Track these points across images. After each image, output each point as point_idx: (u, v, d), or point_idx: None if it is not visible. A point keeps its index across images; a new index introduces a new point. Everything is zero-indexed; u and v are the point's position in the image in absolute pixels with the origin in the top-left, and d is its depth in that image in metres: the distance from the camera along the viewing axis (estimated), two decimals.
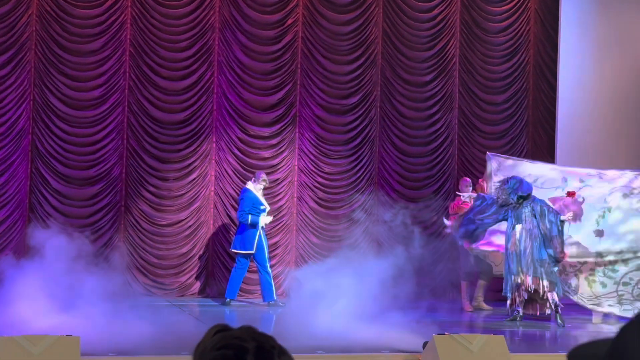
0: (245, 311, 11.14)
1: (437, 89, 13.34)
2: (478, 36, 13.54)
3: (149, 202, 12.08)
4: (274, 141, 12.62)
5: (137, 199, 12.03)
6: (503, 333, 8.15)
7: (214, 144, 12.42)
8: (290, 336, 7.69)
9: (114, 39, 12.01)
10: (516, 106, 13.65)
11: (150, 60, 12.14)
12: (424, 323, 9.03)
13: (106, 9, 11.96)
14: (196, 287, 12.24)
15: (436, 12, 13.35)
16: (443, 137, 13.35)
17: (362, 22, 13.02)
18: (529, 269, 10.11)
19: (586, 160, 12.29)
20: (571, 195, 10.64)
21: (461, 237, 10.76)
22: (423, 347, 7.01)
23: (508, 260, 10.29)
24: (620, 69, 13.37)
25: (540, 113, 13.72)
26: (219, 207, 12.38)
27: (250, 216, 11.23)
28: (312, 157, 12.78)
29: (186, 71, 12.29)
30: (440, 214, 12.44)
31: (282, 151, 12.68)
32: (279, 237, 12.52)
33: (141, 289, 11.81)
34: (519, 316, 10.24)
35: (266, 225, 11.52)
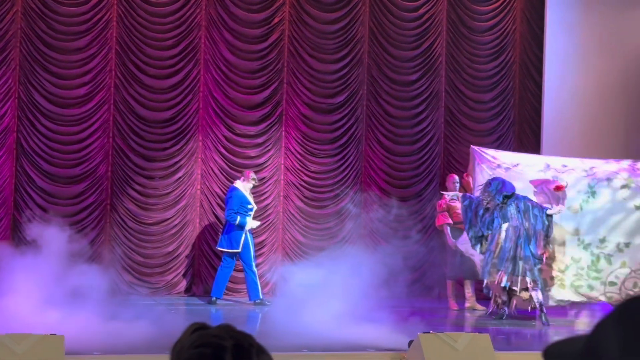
0: (231, 310, 11.12)
1: (424, 88, 13.35)
2: (464, 35, 13.55)
3: (135, 201, 12.04)
4: (260, 140, 12.60)
5: (123, 198, 11.99)
6: (488, 331, 8.18)
7: (200, 143, 12.39)
8: (276, 334, 7.73)
9: (100, 37, 11.96)
10: (502, 105, 13.69)
11: (136, 58, 12.09)
12: (410, 321, 9.05)
13: (92, 7, 11.91)
14: (182, 286, 12.21)
15: (422, 11, 13.36)
16: (429, 136, 13.36)
17: (349, 21, 13.02)
18: (508, 268, 10.14)
19: (572, 157, 12.31)
20: (559, 189, 10.60)
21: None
22: (408, 346, 7.01)
23: (486, 259, 10.33)
24: (605, 68, 13.42)
25: (526, 111, 13.76)
26: (205, 206, 12.35)
27: (239, 217, 11.19)
28: (298, 156, 12.77)
29: (172, 69, 12.25)
30: (429, 211, 12.44)
31: (268, 150, 12.66)
32: (265, 236, 12.50)
33: (127, 288, 11.78)
34: (504, 315, 10.30)
35: (253, 229, 11.54)
